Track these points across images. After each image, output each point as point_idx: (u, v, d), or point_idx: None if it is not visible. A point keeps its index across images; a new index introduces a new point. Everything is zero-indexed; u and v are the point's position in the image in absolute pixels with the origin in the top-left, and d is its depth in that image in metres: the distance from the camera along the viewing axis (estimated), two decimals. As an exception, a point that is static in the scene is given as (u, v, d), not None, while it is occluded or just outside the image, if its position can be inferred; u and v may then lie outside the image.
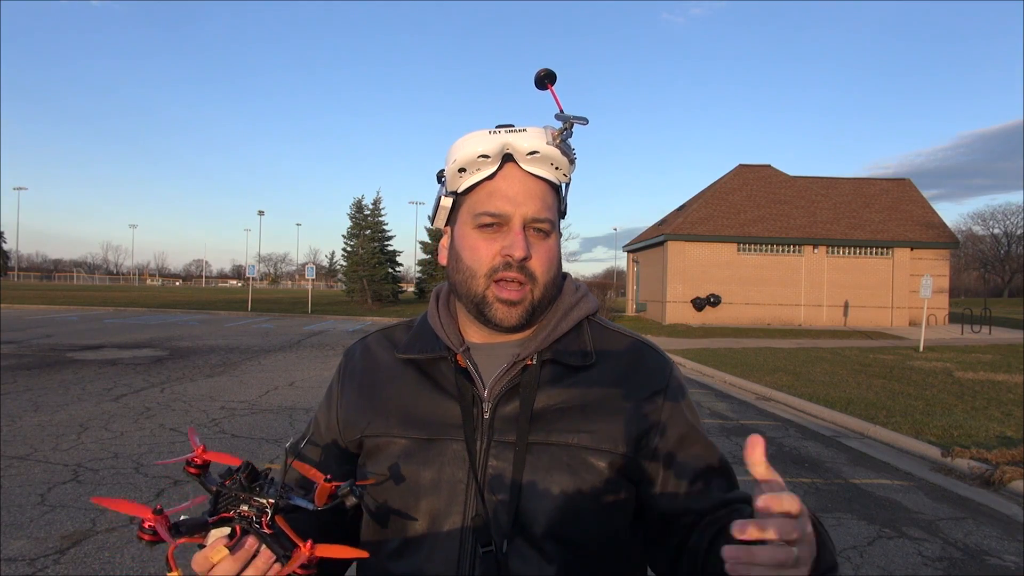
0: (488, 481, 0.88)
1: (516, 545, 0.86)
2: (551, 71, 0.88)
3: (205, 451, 0.67)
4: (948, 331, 22.53)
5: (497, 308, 0.89)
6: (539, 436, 0.89)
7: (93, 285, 75.08)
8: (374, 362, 1.01)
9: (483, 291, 0.89)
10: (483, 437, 0.90)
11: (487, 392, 0.91)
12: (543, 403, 0.90)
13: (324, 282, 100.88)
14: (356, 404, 0.98)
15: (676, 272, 24.19)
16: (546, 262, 0.90)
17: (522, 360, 0.92)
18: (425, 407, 0.93)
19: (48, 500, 4.41)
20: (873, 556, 3.90)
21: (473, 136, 0.88)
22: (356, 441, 0.96)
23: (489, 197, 0.89)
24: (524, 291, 0.89)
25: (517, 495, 0.86)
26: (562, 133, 0.87)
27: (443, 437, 0.90)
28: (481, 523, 0.86)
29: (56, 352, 12.44)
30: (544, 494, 0.87)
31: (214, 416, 7.20)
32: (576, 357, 0.93)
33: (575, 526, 0.87)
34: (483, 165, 0.88)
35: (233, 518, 0.66)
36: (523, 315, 0.90)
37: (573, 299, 0.99)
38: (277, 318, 26.13)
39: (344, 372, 1.04)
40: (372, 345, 1.04)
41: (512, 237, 0.87)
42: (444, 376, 0.94)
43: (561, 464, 0.88)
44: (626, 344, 0.98)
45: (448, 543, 0.87)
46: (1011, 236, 69.43)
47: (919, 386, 10.18)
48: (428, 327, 0.99)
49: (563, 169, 0.90)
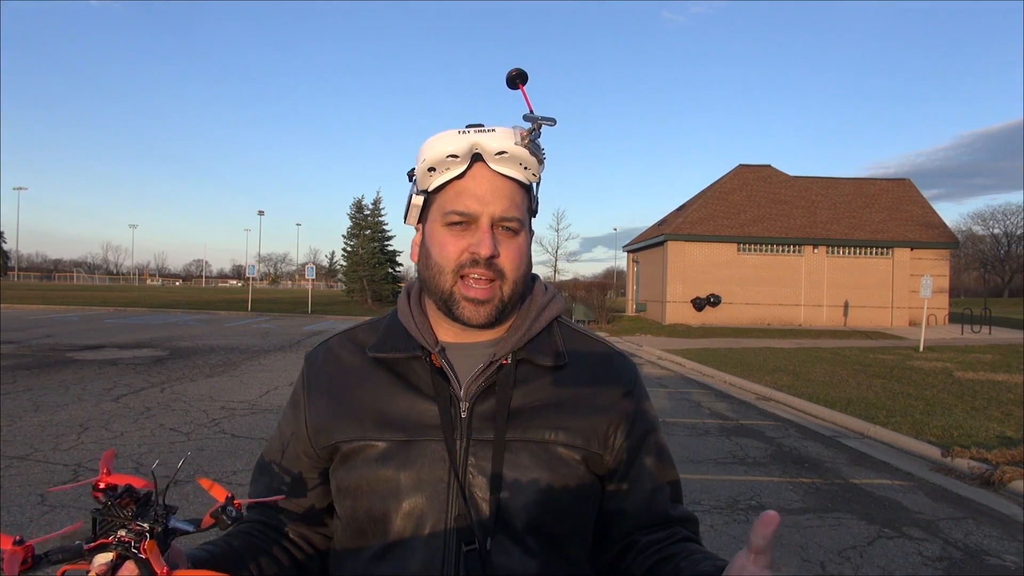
0: (469, 479, 0.89)
1: (499, 541, 0.87)
2: (522, 71, 0.89)
3: (109, 474, 0.65)
4: (948, 331, 22.53)
5: (464, 306, 0.90)
6: (516, 433, 0.91)
7: (93, 285, 75.08)
8: (340, 365, 0.99)
9: (450, 287, 0.91)
10: (462, 436, 0.90)
11: (463, 391, 0.93)
12: (519, 401, 0.92)
13: (324, 282, 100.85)
14: (326, 410, 0.96)
15: (676, 272, 24.19)
16: (515, 259, 0.92)
17: (497, 360, 0.93)
18: (401, 408, 0.93)
19: (48, 500, 4.41)
20: (873, 556, 3.90)
21: (443, 136, 0.89)
22: (330, 448, 0.95)
23: (458, 196, 0.90)
24: (493, 288, 0.90)
25: (498, 492, 0.88)
26: (531, 134, 0.88)
27: (422, 438, 0.91)
28: (464, 521, 0.87)
29: (56, 352, 12.44)
30: (524, 490, 0.89)
31: (214, 416, 7.20)
32: (549, 357, 0.95)
33: (554, 520, 0.90)
34: (452, 164, 0.89)
35: (111, 544, 0.63)
36: (491, 313, 0.91)
37: (544, 300, 1.01)
38: (277, 318, 26.13)
39: (309, 378, 1.01)
40: (335, 348, 1.02)
41: (480, 235, 0.89)
42: (419, 376, 0.94)
43: (539, 460, 0.90)
44: (593, 346, 1.02)
45: (432, 543, 0.88)
46: (1011, 236, 69.46)
47: (919, 386, 10.18)
48: (399, 326, 0.99)
49: (532, 169, 0.91)
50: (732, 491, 5.05)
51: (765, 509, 3.23)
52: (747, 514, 4.53)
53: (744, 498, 4.89)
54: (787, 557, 3.84)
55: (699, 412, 8.42)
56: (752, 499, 4.87)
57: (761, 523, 0.63)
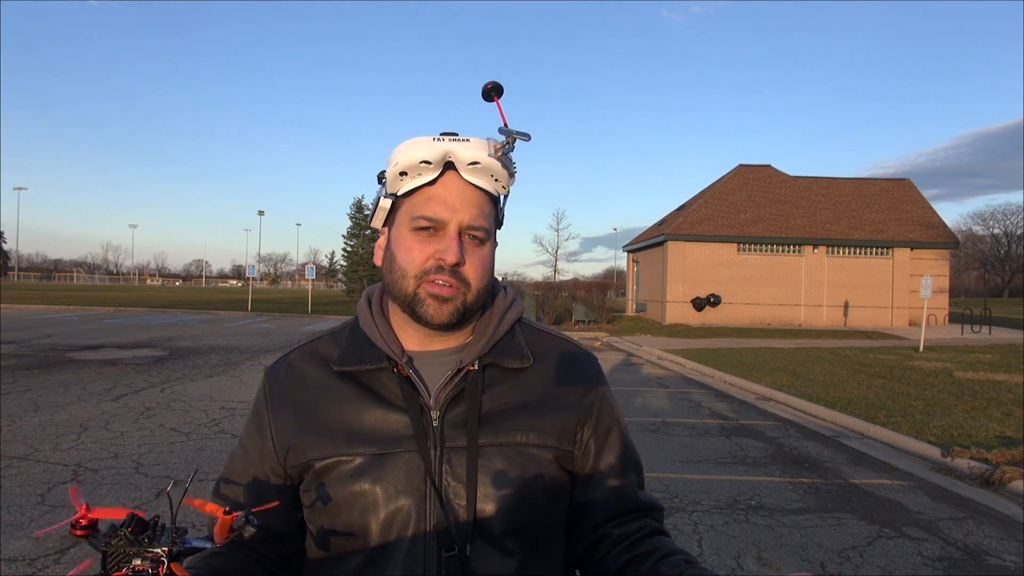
0: (445, 487, 0.90)
1: (478, 546, 0.89)
2: (498, 84, 0.90)
3: (89, 509, 0.64)
4: (948, 331, 22.53)
5: (429, 304, 0.90)
6: (488, 438, 0.92)
7: (93, 285, 75.08)
8: (303, 380, 0.98)
9: (414, 289, 0.91)
10: (436, 445, 0.91)
11: (433, 400, 0.93)
12: (488, 406, 0.93)
13: (324, 282, 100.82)
14: (295, 427, 0.95)
15: (676, 272, 24.19)
16: (479, 269, 0.92)
17: (465, 366, 0.94)
18: (371, 421, 0.92)
19: (48, 500, 4.41)
20: (873, 556, 3.90)
21: (416, 141, 0.89)
22: (301, 466, 0.94)
23: (427, 202, 0.90)
24: (456, 291, 0.91)
25: (474, 497, 0.89)
26: (504, 146, 0.89)
27: (396, 450, 0.91)
28: (443, 529, 0.88)
29: (56, 352, 12.44)
30: (500, 493, 0.90)
31: (214, 416, 7.20)
32: (515, 359, 0.97)
33: (530, 520, 0.92)
34: (424, 171, 0.89)
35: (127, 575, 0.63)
36: (453, 313, 0.91)
37: (506, 303, 1.02)
38: (277, 318, 26.13)
39: (271, 395, 0.99)
40: (296, 362, 1.01)
41: (447, 242, 0.89)
42: (386, 387, 0.94)
43: (513, 463, 0.92)
44: (557, 345, 1.04)
45: (412, 552, 0.88)
46: (1011, 236, 69.48)
47: (919, 386, 10.18)
48: (362, 336, 0.98)
49: (502, 181, 0.92)
50: (732, 491, 5.05)
51: (765, 509, 3.24)
52: (747, 514, 4.53)
53: (744, 498, 4.89)
54: (787, 557, 3.84)
55: (699, 412, 8.42)
56: (752, 499, 4.87)
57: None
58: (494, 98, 0.90)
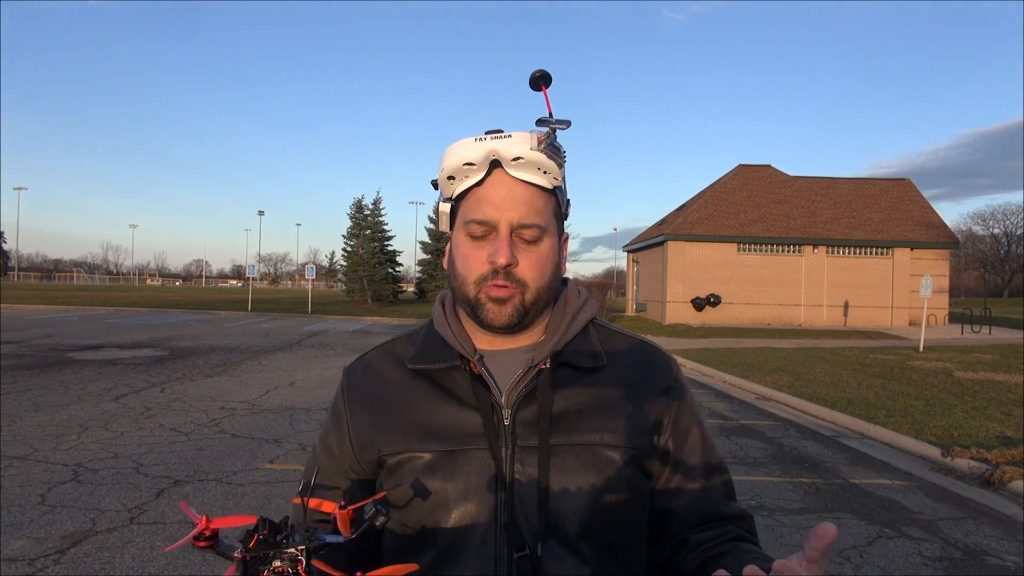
0: (516, 486, 0.89)
1: (550, 547, 0.87)
2: (546, 72, 0.88)
3: (210, 520, 0.66)
4: (948, 331, 22.53)
5: (489, 307, 0.90)
6: (561, 438, 0.90)
7: (93, 285, 75.08)
8: (380, 378, 1.00)
9: (475, 295, 0.91)
10: (507, 444, 0.90)
11: (504, 398, 0.92)
12: (561, 406, 0.92)
13: (324, 282, 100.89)
14: (369, 424, 0.97)
15: (676, 272, 24.19)
16: (536, 268, 0.91)
17: (536, 364, 0.93)
18: (444, 419, 0.93)
19: (48, 500, 4.41)
20: (873, 556, 3.90)
21: (460, 144, 0.89)
22: (375, 461, 0.96)
23: (477, 204, 0.90)
24: (512, 291, 0.90)
25: (546, 498, 0.88)
26: (548, 137, 0.87)
27: (466, 447, 0.91)
28: (514, 528, 0.87)
29: (56, 352, 12.44)
30: (572, 494, 0.88)
31: (214, 416, 7.20)
32: (588, 359, 0.95)
33: (605, 523, 0.89)
34: (470, 172, 0.89)
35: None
36: (513, 314, 0.90)
37: (578, 302, 1.00)
38: (277, 318, 26.13)
39: (349, 392, 1.02)
40: (374, 362, 1.03)
41: (498, 244, 0.88)
42: (459, 385, 0.94)
43: (586, 464, 0.90)
44: (631, 345, 1.01)
45: (483, 552, 0.88)
46: (1011, 236, 69.44)
47: (919, 386, 10.18)
48: (436, 336, 0.98)
49: (552, 173, 0.90)
50: (732, 491, 5.05)
51: (765, 509, 3.24)
52: (747, 514, 4.53)
53: (744, 498, 4.89)
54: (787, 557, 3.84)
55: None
56: (752, 499, 4.87)
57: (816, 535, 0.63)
58: (542, 87, 0.88)
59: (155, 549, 3.70)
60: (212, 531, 0.66)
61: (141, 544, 3.75)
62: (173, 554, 3.63)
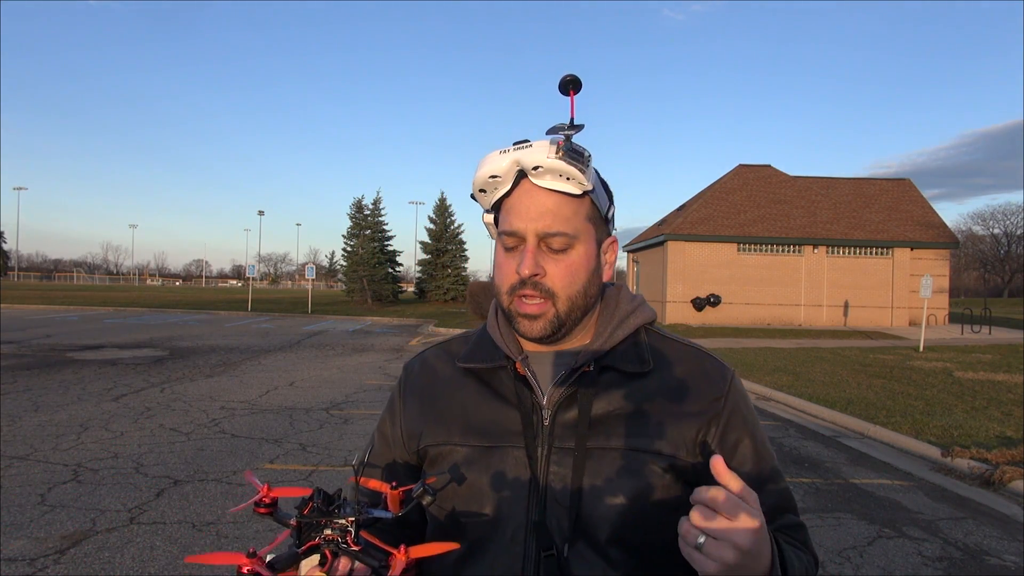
0: (549, 486, 0.90)
1: (578, 549, 0.87)
2: (576, 78, 0.87)
3: (271, 489, 0.70)
4: (948, 331, 22.53)
5: (521, 322, 0.92)
6: (599, 441, 0.90)
7: (93, 285, 75.09)
8: (433, 374, 1.04)
9: (508, 306, 0.93)
10: (544, 444, 0.91)
11: (546, 399, 0.93)
12: (601, 409, 0.92)
13: (324, 282, 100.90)
14: (418, 415, 1.01)
15: (676, 272, 24.19)
16: (565, 276, 0.90)
17: (579, 367, 0.93)
18: (485, 415, 0.95)
19: (48, 500, 4.41)
20: (873, 556, 3.90)
21: (487, 158, 0.90)
22: (419, 451, 0.99)
23: (506, 215, 0.92)
24: (545, 305, 0.90)
25: (578, 500, 0.88)
26: (565, 144, 0.87)
27: (504, 444, 0.92)
28: (543, 528, 0.88)
29: (56, 352, 12.45)
30: (606, 499, 0.88)
31: (214, 416, 7.20)
32: (633, 364, 0.94)
33: (638, 531, 0.89)
34: (498, 184, 0.91)
35: (320, 544, 0.69)
36: (546, 328, 0.91)
37: (629, 307, 1.00)
38: (277, 318, 26.13)
39: (405, 385, 1.07)
40: (430, 358, 1.07)
41: (523, 255, 0.89)
42: (503, 384, 0.96)
43: (622, 469, 0.89)
44: (684, 352, 1.00)
45: (512, 547, 0.89)
46: (1011, 236, 69.45)
47: (919, 386, 10.18)
48: (487, 337, 1.01)
49: (576, 179, 0.87)
50: (732, 491, 5.05)
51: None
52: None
53: (744, 498, 4.89)
54: (787, 557, 3.84)
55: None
56: (752, 499, 4.87)
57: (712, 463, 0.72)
58: (570, 92, 0.88)
59: (155, 549, 3.70)
60: (272, 499, 0.70)
61: (141, 544, 3.75)
62: (173, 554, 3.63)
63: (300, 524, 0.69)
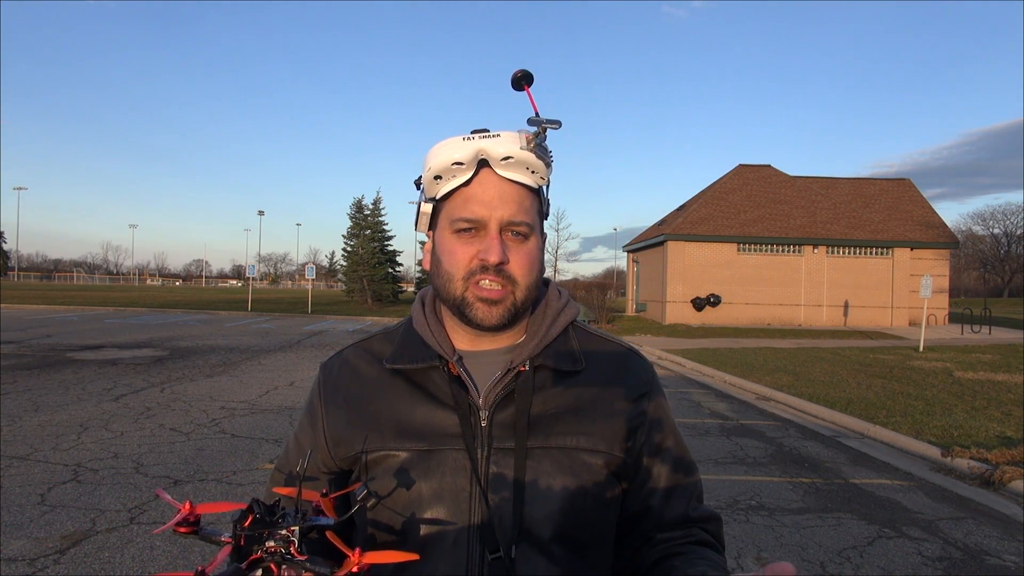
0: (491, 488, 0.89)
1: (523, 550, 0.87)
2: (528, 72, 0.87)
3: (194, 506, 0.67)
4: (948, 331, 22.53)
5: (478, 307, 0.89)
6: (538, 441, 0.90)
7: (93, 285, 75.05)
8: (357, 376, 0.99)
9: (462, 293, 0.90)
10: (483, 445, 0.90)
11: (482, 400, 0.92)
12: (538, 408, 0.92)
13: (324, 282, 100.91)
14: (345, 420, 0.96)
15: (676, 272, 24.19)
16: (525, 265, 0.90)
17: (515, 367, 0.93)
18: (420, 418, 0.92)
19: (48, 500, 4.41)
20: (873, 556, 3.90)
21: (447, 143, 0.88)
22: (351, 458, 0.95)
23: (465, 203, 0.89)
24: (505, 291, 0.89)
25: (521, 500, 0.88)
26: (536, 137, 0.87)
27: (442, 447, 0.90)
28: (488, 531, 0.87)
29: (56, 352, 12.44)
30: (547, 497, 0.88)
31: (214, 416, 7.20)
32: (567, 362, 0.95)
33: (579, 527, 0.90)
34: (458, 172, 0.88)
35: (263, 557, 0.65)
36: (504, 314, 0.90)
37: (559, 304, 1.00)
38: (277, 318, 26.13)
39: (325, 388, 1.01)
40: (351, 358, 1.02)
41: (488, 241, 0.88)
42: (437, 386, 0.94)
43: (562, 467, 0.90)
44: (609, 348, 1.01)
45: (456, 552, 0.87)
46: (1011, 236, 69.40)
47: (919, 386, 10.18)
48: (415, 335, 0.98)
49: (540, 173, 0.89)
50: (732, 491, 5.05)
51: (765, 509, 3.22)
52: (747, 514, 4.53)
53: (744, 498, 4.89)
54: (787, 557, 3.84)
55: (699, 412, 8.41)
56: (752, 499, 4.87)
57: (773, 568, 0.62)
58: (524, 87, 0.87)
59: (155, 549, 3.69)
60: (196, 517, 0.66)
61: (141, 544, 3.75)
62: (173, 554, 3.63)
63: (240, 537, 0.65)
